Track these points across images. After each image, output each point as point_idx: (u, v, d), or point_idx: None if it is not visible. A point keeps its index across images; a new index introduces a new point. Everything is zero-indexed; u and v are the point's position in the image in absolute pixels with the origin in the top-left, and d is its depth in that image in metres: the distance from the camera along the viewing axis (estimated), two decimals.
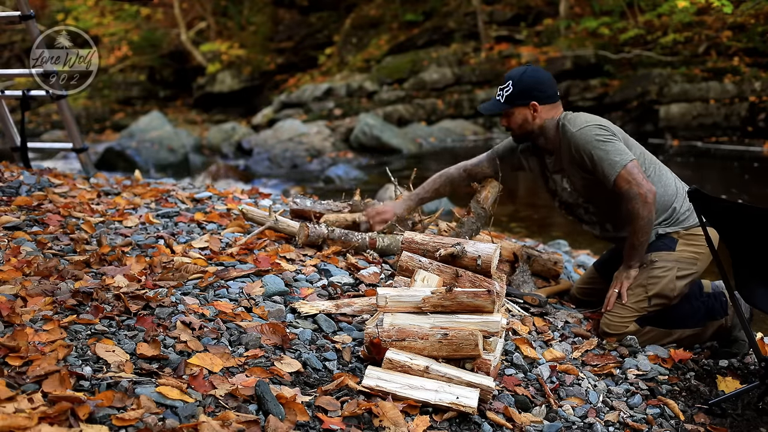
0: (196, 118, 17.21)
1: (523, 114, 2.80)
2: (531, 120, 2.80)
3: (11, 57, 18.69)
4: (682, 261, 2.71)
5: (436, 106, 14.60)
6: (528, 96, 2.77)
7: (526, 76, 2.78)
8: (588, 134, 2.67)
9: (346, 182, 9.57)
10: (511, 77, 2.79)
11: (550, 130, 2.81)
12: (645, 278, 2.72)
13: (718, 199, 2.33)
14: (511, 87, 2.77)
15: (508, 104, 2.79)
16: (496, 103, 2.83)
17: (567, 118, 2.77)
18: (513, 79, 2.78)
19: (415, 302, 2.11)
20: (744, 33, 12.63)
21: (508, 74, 2.83)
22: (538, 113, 2.79)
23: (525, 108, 2.79)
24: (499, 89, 2.83)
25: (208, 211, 3.42)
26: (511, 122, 2.83)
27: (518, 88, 2.76)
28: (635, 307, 2.71)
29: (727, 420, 2.33)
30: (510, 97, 2.78)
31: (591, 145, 2.65)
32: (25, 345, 1.80)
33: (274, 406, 1.73)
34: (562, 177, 2.87)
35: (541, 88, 2.79)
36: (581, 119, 2.74)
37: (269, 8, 19.97)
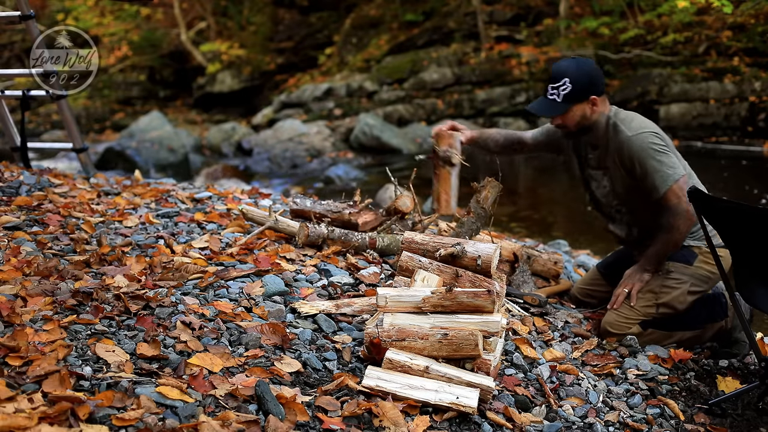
0: (196, 118, 17.20)
1: (582, 110, 2.66)
2: (589, 115, 2.68)
3: (11, 57, 18.68)
4: (696, 277, 2.70)
5: (436, 106, 14.59)
6: (588, 91, 2.63)
7: (581, 70, 2.63)
8: (644, 142, 2.58)
9: (346, 182, 9.57)
10: (567, 74, 2.62)
11: (600, 125, 2.70)
12: (657, 285, 2.71)
13: (718, 199, 2.32)
14: (570, 84, 2.61)
15: (568, 103, 2.63)
16: (553, 103, 2.65)
17: (620, 118, 2.68)
18: (570, 76, 2.61)
19: (415, 302, 2.11)
20: (744, 33, 12.62)
21: (559, 70, 2.65)
22: (597, 107, 2.67)
23: (584, 104, 2.65)
24: (551, 88, 2.65)
25: (208, 211, 3.42)
26: (567, 120, 2.68)
27: (578, 85, 2.61)
28: (641, 311, 2.71)
29: (727, 420, 2.33)
30: (569, 95, 2.62)
31: (646, 154, 2.57)
32: (25, 345, 1.80)
33: (274, 406, 1.73)
34: (604, 175, 2.78)
35: (597, 81, 2.66)
36: (636, 123, 2.64)
37: (269, 8, 19.96)
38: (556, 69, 2.66)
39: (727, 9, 8.82)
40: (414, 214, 3.31)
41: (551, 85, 2.65)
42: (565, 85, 2.62)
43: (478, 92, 14.56)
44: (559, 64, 2.69)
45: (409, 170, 3.63)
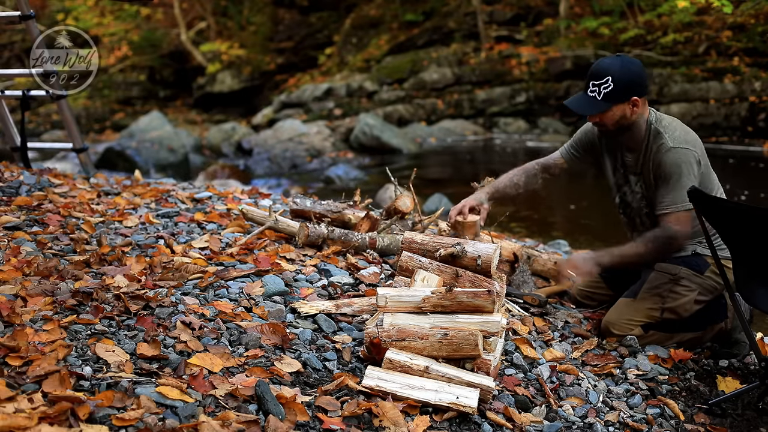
0: (196, 118, 17.21)
1: (622, 110, 2.58)
2: (629, 116, 2.59)
3: (11, 57, 18.68)
4: (704, 287, 2.69)
5: (436, 106, 14.60)
6: (630, 92, 2.54)
7: (625, 69, 2.54)
8: (682, 158, 2.53)
9: (346, 182, 9.57)
10: (609, 71, 2.53)
11: (639, 127, 2.63)
12: (666, 290, 2.69)
13: (718, 199, 2.33)
14: (612, 83, 2.52)
15: (609, 102, 2.55)
16: (593, 101, 2.57)
17: (662, 125, 2.61)
18: (613, 75, 2.52)
19: (415, 302, 2.11)
20: (744, 33, 12.63)
21: (602, 67, 2.56)
22: (638, 108, 2.59)
23: (625, 104, 2.57)
24: (592, 84, 2.56)
25: (208, 211, 3.42)
26: (606, 119, 2.59)
27: (621, 85, 2.52)
28: (646, 314, 2.70)
29: (727, 420, 2.33)
30: (610, 94, 2.53)
31: (678, 170, 2.52)
32: (25, 345, 1.80)
33: (274, 406, 1.73)
34: (638, 180, 2.74)
35: (640, 82, 2.57)
36: (680, 134, 2.57)
37: (269, 8, 19.97)
38: (600, 65, 2.58)
39: (727, 9, 8.83)
40: (414, 214, 3.31)
41: (593, 82, 2.56)
42: (607, 83, 2.53)
43: (478, 92, 14.57)
44: (604, 60, 2.60)
45: (409, 170, 3.64)
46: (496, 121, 14.22)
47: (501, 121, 14.14)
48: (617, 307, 2.77)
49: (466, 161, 11.85)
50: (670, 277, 2.70)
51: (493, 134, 13.91)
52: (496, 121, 14.21)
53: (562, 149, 2.99)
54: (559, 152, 2.99)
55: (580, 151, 2.93)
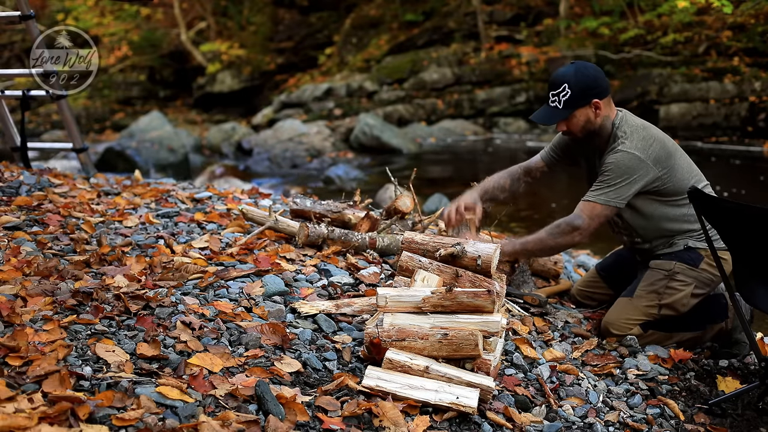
0: (196, 118, 17.21)
1: (585, 115, 2.62)
2: (594, 119, 2.63)
3: (11, 57, 18.68)
4: (700, 280, 2.69)
5: (436, 106, 14.60)
6: (588, 95, 2.59)
7: (580, 74, 2.59)
8: (623, 161, 2.55)
9: (346, 182, 9.57)
10: (566, 79, 2.59)
11: (605, 130, 2.67)
12: (662, 286, 2.70)
13: (718, 199, 2.33)
14: (569, 90, 2.57)
15: (569, 109, 2.59)
16: (554, 111, 2.62)
17: (623, 129, 2.63)
18: (568, 82, 2.58)
19: (415, 302, 2.11)
20: (744, 33, 12.63)
21: (558, 76, 2.62)
22: (600, 109, 2.63)
23: (587, 108, 2.61)
24: (551, 95, 2.62)
25: (208, 211, 3.42)
26: (572, 125, 2.64)
27: (577, 89, 2.57)
28: (644, 312, 2.71)
29: (727, 420, 2.33)
30: (570, 101, 2.58)
31: (614, 167, 2.55)
32: (25, 345, 1.80)
33: (274, 406, 1.73)
34: None
35: (597, 84, 2.62)
36: (636, 142, 2.59)
37: (269, 8, 19.97)
38: (555, 75, 2.64)
39: (727, 9, 8.83)
40: (414, 214, 3.31)
41: (552, 92, 2.63)
42: (564, 90, 2.58)
43: (478, 92, 14.57)
44: (558, 70, 2.66)
45: (409, 170, 3.64)
46: (496, 121, 14.23)
47: (501, 121, 14.15)
48: (616, 306, 2.77)
49: (466, 161, 11.85)
50: (665, 273, 2.70)
51: (493, 134, 13.91)
52: (496, 121, 14.21)
53: (542, 152, 3.01)
54: (539, 155, 3.01)
55: (559, 154, 2.95)
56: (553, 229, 2.63)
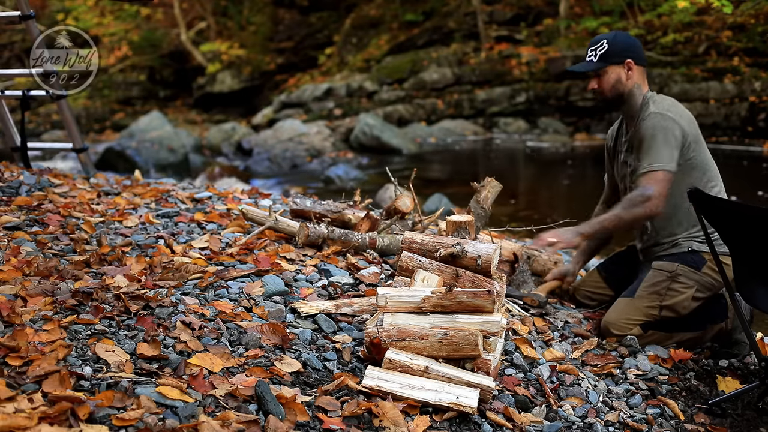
0: (196, 118, 17.22)
1: (617, 73, 2.72)
2: (624, 80, 2.73)
3: (11, 57, 18.69)
4: (702, 283, 2.69)
5: (436, 106, 14.60)
6: (623, 54, 2.70)
7: (620, 35, 2.75)
8: (659, 122, 2.61)
9: (346, 182, 9.57)
10: (605, 37, 2.73)
11: (635, 98, 2.75)
12: (664, 288, 2.70)
13: (718, 199, 2.33)
14: (606, 45, 2.70)
15: (603, 62, 2.71)
16: (589, 63, 2.74)
17: (654, 98, 2.72)
18: (607, 38, 2.71)
19: (415, 302, 2.11)
20: (744, 33, 12.63)
21: (597, 37, 2.76)
22: (633, 72, 2.72)
23: (619, 66, 2.72)
24: (589, 50, 2.75)
25: (208, 211, 3.42)
26: (603, 83, 2.74)
27: (614, 46, 2.70)
28: (644, 312, 2.70)
29: (727, 420, 2.33)
30: (605, 54, 2.70)
31: (654, 132, 2.60)
32: (25, 345, 1.80)
33: (274, 406, 1.73)
34: (630, 154, 2.79)
35: (635, 49, 2.73)
36: (666, 104, 2.68)
37: (269, 8, 19.98)
38: (596, 37, 2.77)
39: (727, 9, 8.83)
40: (414, 214, 3.31)
41: (590, 48, 2.75)
42: (602, 45, 2.71)
43: (478, 92, 14.57)
44: (599, 35, 2.79)
45: (409, 170, 3.64)
46: (496, 121, 14.23)
47: (501, 121, 14.15)
48: (616, 306, 2.77)
49: (466, 161, 11.85)
50: (667, 275, 2.70)
51: (493, 134, 13.91)
52: (496, 121, 14.22)
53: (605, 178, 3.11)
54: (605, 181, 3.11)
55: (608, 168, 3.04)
56: (626, 203, 2.64)
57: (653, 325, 2.73)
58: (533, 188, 9.83)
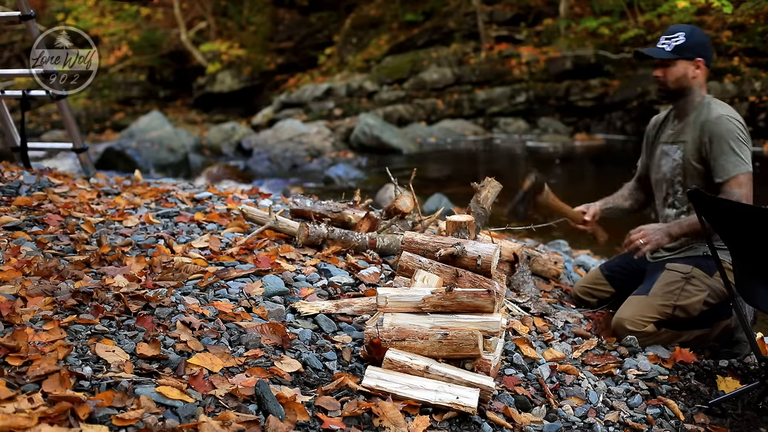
0: (196, 118, 17.21)
1: (684, 68, 2.74)
2: (690, 77, 2.75)
3: (11, 57, 18.69)
4: (714, 289, 2.71)
5: (436, 106, 14.60)
6: (697, 51, 2.72)
7: (696, 31, 2.75)
8: (731, 125, 2.65)
9: (346, 182, 9.57)
10: (682, 29, 2.74)
11: (694, 96, 2.78)
12: (678, 288, 2.72)
13: (718, 199, 2.33)
14: (683, 38, 2.71)
15: (675, 54, 2.72)
16: (661, 50, 2.75)
17: (715, 100, 2.76)
18: (684, 32, 2.72)
19: (415, 302, 2.11)
20: (744, 33, 12.62)
21: (674, 27, 2.77)
22: (700, 71, 2.75)
23: (690, 62, 2.74)
24: (664, 38, 2.76)
25: (208, 211, 3.42)
26: (668, 74, 2.76)
27: (690, 41, 2.71)
28: (659, 310, 2.71)
29: (727, 420, 2.33)
30: (679, 47, 2.71)
31: (729, 136, 2.64)
32: (25, 345, 1.80)
33: (274, 406, 1.73)
34: (678, 148, 2.81)
35: (707, 49, 2.76)
36: (729, 109, 2.73)
37: (269, 8, 19.97)
38: (673, 27, 2.78)
39: (727, 9, 8.83)
40: (414, 214, 3.31)
41: (665, 37, 2.75)
42: (678, 37, 2.72)
43: (478, 92, 14.57)
44: (676, 25, 2.81)
45: (409, 170, 3.63)
46: (496, 121, 14.23)
47: (501, 121, 14.15)
48: (629, 304, 2.77)
49: (466, 161, 11.85)
50: (682, 276, 2.73)
51: (493, 134, 13.91)
52: (496, 121, 14.21)
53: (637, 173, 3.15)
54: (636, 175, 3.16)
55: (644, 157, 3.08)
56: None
57: (665, 323, 2.73)
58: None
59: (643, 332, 2.70)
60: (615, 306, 2.94)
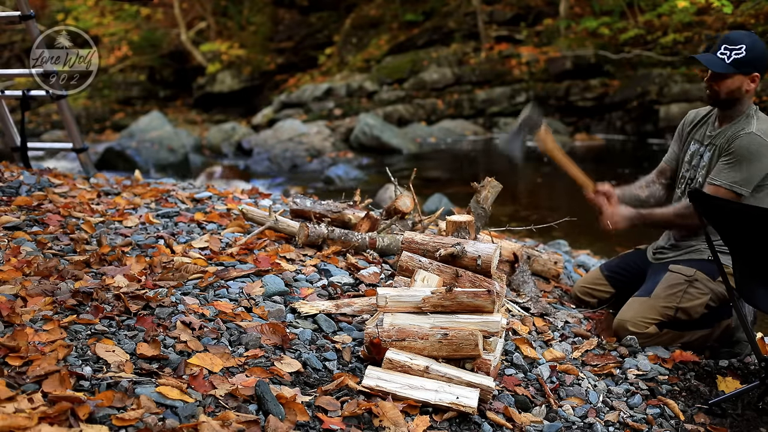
0: (196, 118, 17.20)
1: (740, 82, 2.59)
2: (743, 91, 2.61)
3: (11, 57, 18.68)
4: (716, 293, 2.70)
5: (436, 106, 14.59)
6: (756, 66, 2.58)
7: (759, 45, 2.57)
8: (753, 144, 2.55)
9: (346, 182, 9.57)
10: (744, 41, 2.56)
11: (742, 107, 2.66)
12: (681, 290, 2.72)
13: (719, 199, 2.33)
14: (744, 52, 2.54)
15: (734, 68, 2.56)
16: (720, 62, 2.58)
17: (759, 115, 2.65)
18: (747, 45, 2.55)
19: (415, 302, 2.11)
20: None
21: (736, 35, 2.59)
22: (754, 85, 2.62)
23: (745, 77, 2.59)
24: (723, 47, 2.58)
25: (208, 211, 3.42)
26: (722, 86, 2.61)
27: (751, 55, 2.55)
28: (661, 312, 2.71)
29: (727, 420, 2.33)
30: (739, 61, 2.55)
31: (744, 152, 2.55)
32: (25, 345, 1.80)
33: (274, 406, 1.73)
34: (708, 150, 2.74)
35: (765, 62, 2.61)
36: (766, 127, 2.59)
37: (269, 8, 19.96)
38: (736, 35, 2.61)
39: (727, 9, 8.83)
40: (414, 214, 3.31)
41: (726, 46, 2.58)
42: (740, 50, 2.55)
43: (478, 92, 14.56)
44: (738, 32, 2.65)
45: (409, 170, 3.64)
46: (496, 121, 14.22)
47: (501, 121, 14.14)
48: (631, 305, 2.77)
49: (466, 161, 11.85)
50: (685, 278, 2.72)
51: (493, 134, 13.90)
52: (496, 121, 14.20)
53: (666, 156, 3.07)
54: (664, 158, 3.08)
55: (675, 148, 3.00)
56: (683, 210, 2.64)
57: (667, 324, 2.73)
58: (533, 188, 9.82)
59: (645, 333, 2.70)
60: (615, 306, 2.95)
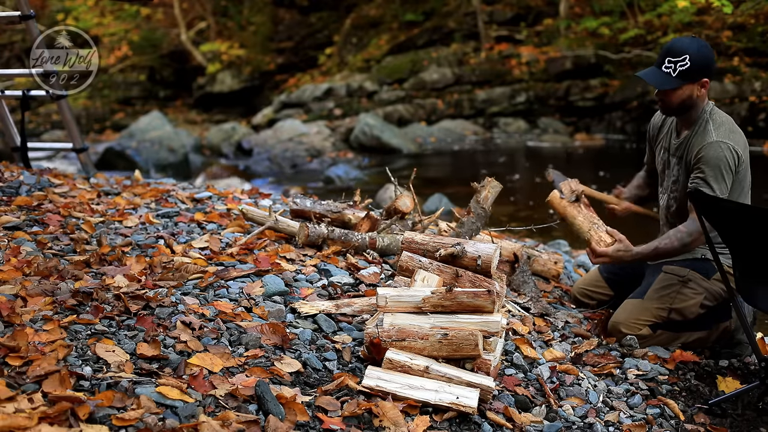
0: (196, 118, 17.20)
1: (690, 90, 2.59)
2: (695, 97, 2.61)
3: (11, 57, 18.67)
4: (710, 292, 2.70)
5: (436, 106, 14.59)
6: (703, 72, 2.57)
7: (703, 50, 2.55)
8: (720, 153, 2.54)
9: (346, 182, 9.57)
10: (688, 51, 2.53)
11: (696, 110, 2.65)
12: (674, 291, 2.72)
13: (719, 199, 2.33)
14: (689, 62, 2.52)
15: (682, 80, 2.55)
16: (667, 77, 2.57)
17: (713, 117, 2.63)
18: (690, 54, 2.52)
19: (415, 302, 2.11)
20: (744, 33, 12.62)
21: (680, 45, 2.56)
22: (704, 90, 2.61)
23: (694, 84, 2.58)
24: (668, 61, 2.56)
25: (208, 211, 3.42)
26: (673, 98, 2.60)
27: (696, 65, 2.53)
28: (654, 314, 2.71)
29: (727, 420, 2.33)
30: (685, 73, 2.54)
31: (714, 163, 2.53)
32: (25, 345, 1.80)
33: (274, 406, 1.73)
34: (677, 163, 2.74)
35: (712, 65, 2.62)
36: (725, 130, 2.60)
37: (269, 8, 19.96)
38: (678, 44, 2.58)
39: (727, 9, 8.82)
40: (414, 214, 3.31)
41: (669, 58, 2.56)
42: (684, 61, 2.53)
43: (478, 92, 14.56)
44: (681, 40, 2.62)
45: (409, 170, 3.64)
46: (496, 121, 14.22)
47: (501, 121, 14.14)
48: (624, 307, 2.77)
49: (466, 161, 11.85)
50: (678, 279, 2.72)
51: (493, 134, 13.91)
52: (496, 121, 14.21)
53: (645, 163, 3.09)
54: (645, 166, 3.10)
55: (648, 151, 3.01)
56: (682, 236, 2.59)
57: (661, 325, 2.73)
58: (533, 188, 9.82)
59: (639, 335, 2.70)
60: (615, 307, 2.95)
